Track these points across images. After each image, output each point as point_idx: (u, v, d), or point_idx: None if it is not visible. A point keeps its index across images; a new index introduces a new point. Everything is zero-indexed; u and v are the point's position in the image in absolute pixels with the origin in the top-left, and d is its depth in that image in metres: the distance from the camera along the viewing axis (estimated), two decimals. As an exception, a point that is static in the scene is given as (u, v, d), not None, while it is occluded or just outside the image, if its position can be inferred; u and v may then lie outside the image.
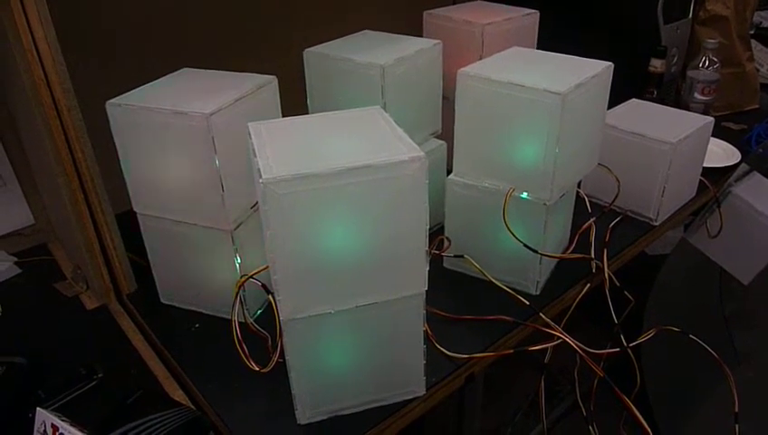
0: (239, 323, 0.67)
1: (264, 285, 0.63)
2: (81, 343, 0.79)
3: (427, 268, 0.59)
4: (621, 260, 0.94)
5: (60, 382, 0.69)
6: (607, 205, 1.01)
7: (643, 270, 1.32)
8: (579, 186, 1.01)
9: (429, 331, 0.75)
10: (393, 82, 0.81)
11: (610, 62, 0.77)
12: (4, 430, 0.66)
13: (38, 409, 0.64)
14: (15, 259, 0.95)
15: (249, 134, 0.59)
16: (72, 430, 0.61)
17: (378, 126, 0.60)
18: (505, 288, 0.81)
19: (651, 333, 0.84)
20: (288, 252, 0.54)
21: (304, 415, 0.64)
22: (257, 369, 0.63)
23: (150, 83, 0.74)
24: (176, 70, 0.78)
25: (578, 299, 0.84)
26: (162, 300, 0.83)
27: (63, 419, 0.63)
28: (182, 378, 0.73)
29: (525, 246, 0.77)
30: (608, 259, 0.88)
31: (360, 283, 0.57)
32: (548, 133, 0.71)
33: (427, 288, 0.60)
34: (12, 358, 0.71)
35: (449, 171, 0.83)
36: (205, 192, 0.70)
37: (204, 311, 0.81)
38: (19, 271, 0.93)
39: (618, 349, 0.81)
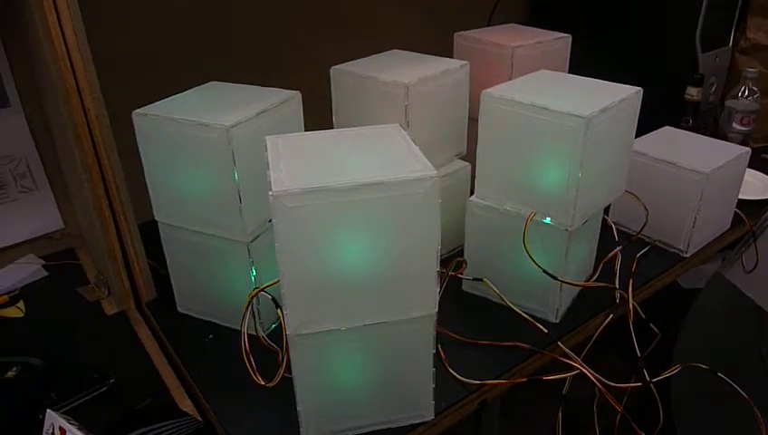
0: (251, 335, 0.67)
1: (274, 299, 0.63)
2: (97, 348, 0.80)
3: (438, 289, 0.58)
4: (648, 291, 0.91)
5: (72, 385, 0.70)
6: (636, 234, 0.98)
7: (676, 303, 1.27)
8: (606, 213, 0.98)
9: (443, 354, 0.74)
10: (417, 102, 0.81)
11: (639, 88, 0.75)
12: (16, 431, 0.67)
13: (48, 411, 0.64)
14: (44, 262, 0.97)
15: (266, 147, 0.59)
16: (80, 434, 0.62)
17: (395, 143, 0.60)
18: (524, 314, 0.79)
19: (676, 369, 0.81)
20: (297, 266, 0.53)
21: (309, 434, 0.63)
22: (263, 383, 0.62)
23: (177, 95, 0.76)
24: (202, 83, 0.80)
25: (600, 330, 0.81)
26: (179, 309, 0.84)
27: (72, 422, 0.64)
28: (192, 388, 0.73)
29: (545, 272, 0.75)
30: (633, 290, 0.85)
31: (369, 301, 0.57)
32: (571, 157, 0.69)
33: (437, 310, 0.59)
34: (28, 359, 0.72)
35: (473, 193, 0.82)
36: (223, 204, 0.70)
37: (219, 322, 0.81)
38: (46, 274, 0.96)
39: (639, 384, 0.78)
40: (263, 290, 0.63)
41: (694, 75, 1.16)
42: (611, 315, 0.83)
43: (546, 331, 0.77)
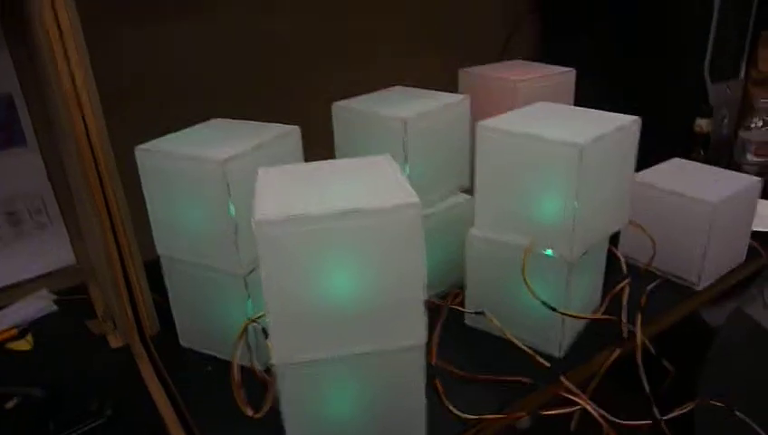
0: (246, 368, 0.66)
1: (264, 330, 0.62)
2: (100, 380, 0.81)
3: (426, 319, 0.57)
4: (659, 326, 0.88)
5: (70, 417, 0.71)
6: (645, 266, 0.96)
7: (700, 340, 1.23)
8: (616, 245, 0.97)
9: (441, 387, 0.72)
10: (416, 136, 0.81)
11: (637, 117, 0.75)
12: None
13: (43, 442, 0.65)
14: (55, 297, 0.99)
15: (257, 178, 0.60)
16: (72, 466, 0.62)
17: (383, 173, 0.61)
18: (525, 348, 0.77)
19: (689, 407, 0.77)
20: (281, 294, 0.53)
21: (300, 468, 0.62)
22: (251, 414, 0.62)
23: (179, 132, 0.78)
24: (207, 119, 0.82)
25: (606, 365, 0.79)
26: (182, 343, 0.84)
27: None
28: (189, 422, 0.73)
29: (544, 303, 0.74)
30: (642, 323, 0.82)
31: (357, 329, 0.56)
32: (567, 187, 0.69)
33: (427, 341, 0.58)
34: (29, 390, 0.73)
35: (474, 225, 0.82)
36: (219, 237, 0.71)
37: (219, 356, 0.81)
38: (56, 308, 0.97)
39: (649, 422, 0.75)
40: (254, 321, 0.63)
41: (702, 106, 1.15)
42: (618, 350, 0.80)
43: (549, 365, 0.75)
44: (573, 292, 0.76)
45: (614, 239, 0.96)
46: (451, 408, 0.70)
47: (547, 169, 0.70)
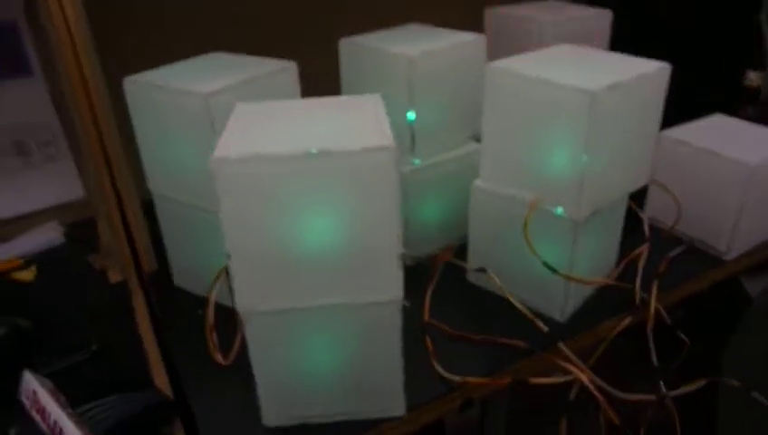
0: (229, 309, 0.64)
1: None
2: (94, 315, 0.81)
3: (402, 273, 0.53)
4: (678, 294, 0.81)
5: (56, 350, 0.71)
6: (668, 228, 0.89)
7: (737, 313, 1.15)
8: (642, 207, 0.89)
9: (430, 346, 0.69)
10: (424, 76, 0.75)
11: (666, 64, 0.67)
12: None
13: (25, 372, 0.65)
14: (63, 230, 1.00)
15: (233, 112, 0.56)
16: (49, 400, 0.61)
17: (367, 114, 0.56)
18: (524, 310, 0.72)
19: (698, 384, 0.72)
20: (242, 238, 0.50)
21: (270, 417, 0.60)
22: (220, 360, 0.60)
23: (173, 64, 0.74)
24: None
25: (613, 334, 0.73)
26: (176, 283, 0.83)
27: (46, 384, 0.64)
28: (173, 363, 0.72)
29: (545, 264, 0.68)
30: (658, 291, 0.76)
31: (325, 280, 0.53)
32: (576, 138, 0.62)
33: (402, 295, 0.54)
34: (17, 320, 0.73)
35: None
36: (208, 174, 0.68)
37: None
38: (63, 241, 0.98)
39: (652, 396, 0.69)
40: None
41: (754, 57, 1.03)
42: (629, 318, 0.75)
43: (547, 329, 0.70)
44: (580, 253, 0.70)
45: (641, 199, 0.89)
46: (437, 367, 0.66)
47: (556, 117, 0.63)
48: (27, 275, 0.89)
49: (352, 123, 0.54)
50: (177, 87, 0.65)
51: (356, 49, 0.81)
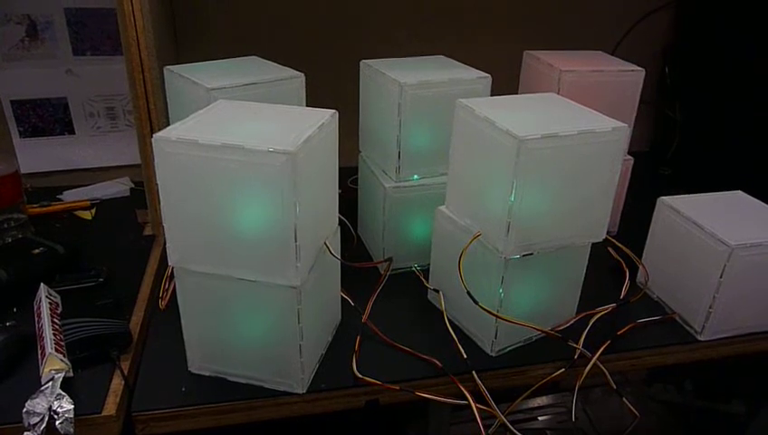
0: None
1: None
2: (120, 255, 0.96)
3: (299, 264, 0.61)
4: (633, 362, 0.79)
5: (72, 274, 0.87)
6: (660, 299, 0.87)
7: None
8: (636, 270, 0.88)
9: (356, 345, 0.75)
10: (413, 103, 0.82)
11: (624, 124, 0.67)
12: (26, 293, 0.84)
13: (42, 284, 0.81)
14: (132, 186, 1.19)
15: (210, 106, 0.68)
16: (46, 309, 0.77)
17: (304, 124, 0.63)
18: (452, 334, 0.76)
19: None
20: (173, 205, 0.61)
21: (194, 364, 0.71)
22: (161, 305, 0.71)
23: (213, 61, 0.88)
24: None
25: (540, 383, 0.74)
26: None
27: (51, 297, 0.80)
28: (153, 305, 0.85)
29: (469, 294, 0.72)
30: (601, 352, 0.76)
31: (235, 255, 0.62)
32: (506, 179, 0.65)
33: (298, 284, 0.62)
34: (54, 245, 0.90)
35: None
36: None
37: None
38: (128, 195, 1.17)
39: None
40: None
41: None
42: (562, 370, 0.75)
43: (465, 356, 0.74)
44: (515, 292, 0.73)
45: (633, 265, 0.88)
46: (352, 363, 0.72)
47: (495, 157, 0.67)
48: (87, 214, 1.08)
49: (286, 129, 0.62)
50: (193, 79, 0.78)
51: (369, 71, 0.89)
